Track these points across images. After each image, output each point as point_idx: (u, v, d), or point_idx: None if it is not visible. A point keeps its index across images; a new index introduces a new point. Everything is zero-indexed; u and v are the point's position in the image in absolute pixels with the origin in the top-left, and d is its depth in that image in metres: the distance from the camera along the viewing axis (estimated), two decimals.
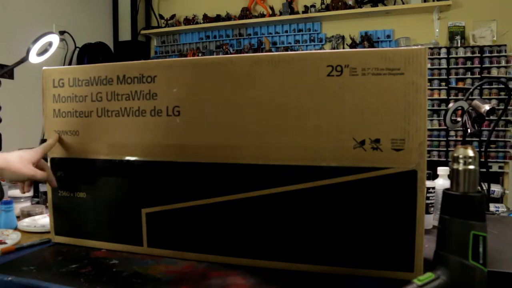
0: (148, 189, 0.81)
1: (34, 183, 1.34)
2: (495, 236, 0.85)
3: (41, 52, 1.34)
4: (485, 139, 1.60)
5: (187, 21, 3.77)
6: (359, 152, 0.68)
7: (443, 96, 3.06)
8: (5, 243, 0.85)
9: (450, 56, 3.05)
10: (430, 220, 0.98)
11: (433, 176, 1.01)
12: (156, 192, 0.80)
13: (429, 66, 2.97)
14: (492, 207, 1.33)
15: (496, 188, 1.63)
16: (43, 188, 1.28)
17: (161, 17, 3.89)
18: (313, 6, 3.40)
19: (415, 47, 0.66)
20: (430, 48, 3.06)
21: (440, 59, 3.06)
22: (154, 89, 0.78)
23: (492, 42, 3.02)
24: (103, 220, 0.85)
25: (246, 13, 3.59)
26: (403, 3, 3.21)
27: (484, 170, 1.25)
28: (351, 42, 3.31)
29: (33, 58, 1.31)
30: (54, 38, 1.35)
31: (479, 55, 2.99)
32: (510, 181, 3.00)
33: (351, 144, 0.68)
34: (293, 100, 0.71)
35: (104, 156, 0.83)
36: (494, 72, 2.96)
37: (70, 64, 3.27)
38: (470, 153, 0.56)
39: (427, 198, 0.96)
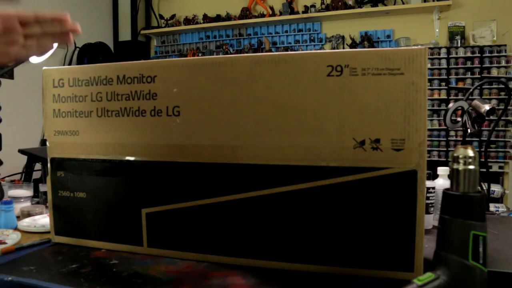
0: (148, 189, 0.81)
1: (34, 182, 1.34)
2: (495, 236, 0.85)
3: None
4: (485, 139, 1.60)
5: (187, 21, 3.77)
6: (359, 152, 0.68)
7: (443, 96, 3.06)
8: (5, 243, 0.85)
9: (450, 56, 3.05)
10: (430, 220, 0.98)
11: (433, 176, 1.01)
12: (156, 192, 0.80)
13: (429, 66, 2.96)
14: (492, 207, 1.33)
15: (496, 188, 1.63)
16: (43, 188, 1.28)
17: (161, 17, 3.89)
18: (313, 6, 3.41)
19: (415, 47, 0.66)
20: (430, 48, 3.06)
21: (440, 59, 3.06)
22: (154, 89, 0.78)
23: (492, 42, 3.02)
24: (103, 220, 0.85)
25: (246, 13, 3.59)
26: (403, 3, 3.21)
27: (484, 170, 1.25)
28: (351, 42, 3.32)
29: (33, 58, 1.31)
30: None
31: (479, 55, 2.99)
32: (510, 181, 3.01)
33: (351, 144, 0.68)
34: (293, 100, 0.71)
35: (104, 156, 0.83)
36: (494, 72, 2.96)
37: (70, 64, 3.27)
38: (470, 153, 0.55)
39: (427, 198, 0.95)
